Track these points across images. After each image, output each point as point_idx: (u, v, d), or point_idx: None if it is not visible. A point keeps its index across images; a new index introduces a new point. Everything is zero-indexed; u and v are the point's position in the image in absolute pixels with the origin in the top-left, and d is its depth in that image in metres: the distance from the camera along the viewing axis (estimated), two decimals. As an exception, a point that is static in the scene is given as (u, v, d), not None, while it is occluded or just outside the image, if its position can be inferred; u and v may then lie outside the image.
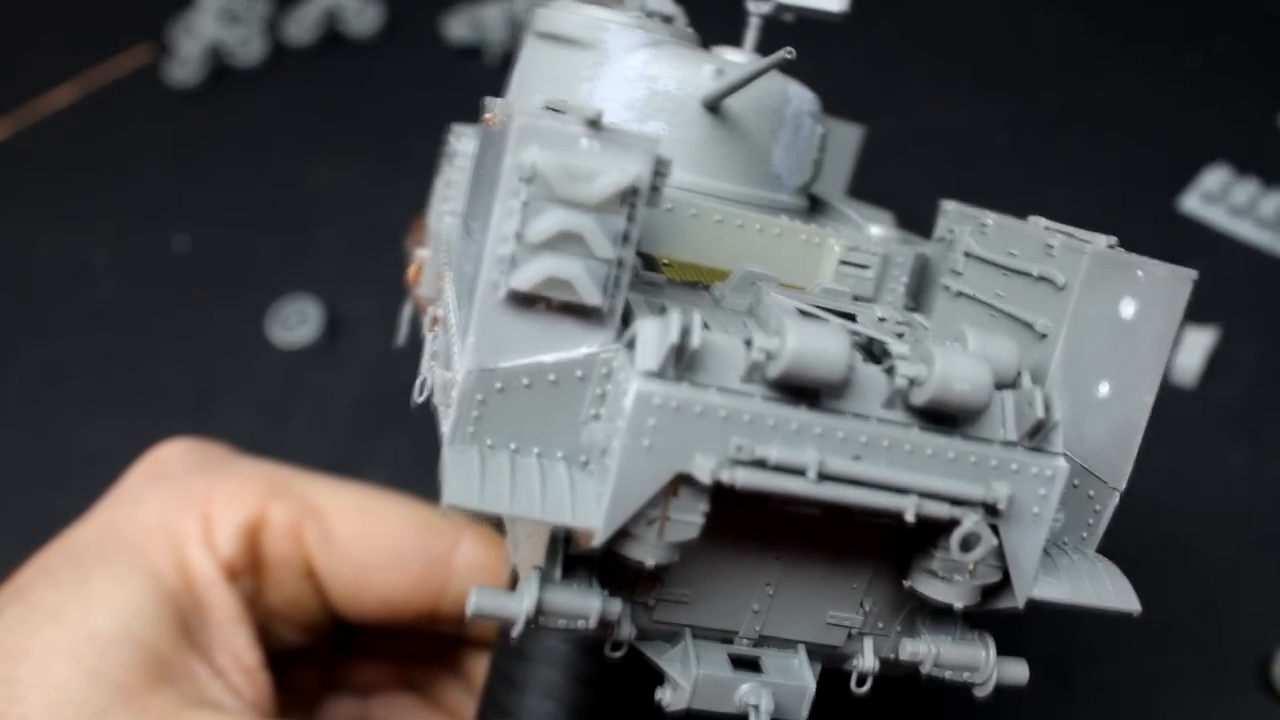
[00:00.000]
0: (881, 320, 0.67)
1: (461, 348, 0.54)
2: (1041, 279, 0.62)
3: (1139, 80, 1.52)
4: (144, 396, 1.31)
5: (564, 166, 0.51)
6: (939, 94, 1.52)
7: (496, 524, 0.71)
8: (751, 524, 0.58)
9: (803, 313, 0.60)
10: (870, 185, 1.37)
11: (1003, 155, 1.47)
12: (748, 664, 0.61)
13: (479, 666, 0.97)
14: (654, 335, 0.52)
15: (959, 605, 0.58)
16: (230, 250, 1.43)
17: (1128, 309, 0.60)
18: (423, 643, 0.98)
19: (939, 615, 0.63)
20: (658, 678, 0.62)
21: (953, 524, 0.55)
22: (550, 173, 0.51)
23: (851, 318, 0.63)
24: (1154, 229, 1.39)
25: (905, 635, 0.63)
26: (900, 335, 0.64)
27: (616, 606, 0.57)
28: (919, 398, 0.54)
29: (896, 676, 0.65)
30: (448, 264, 0.68)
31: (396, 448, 1.22)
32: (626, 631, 0.59)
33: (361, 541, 0.88)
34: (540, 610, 0.55)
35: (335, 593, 0.89)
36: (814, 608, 0.62)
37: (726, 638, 0.62)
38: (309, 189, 1.48)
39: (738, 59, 0.76)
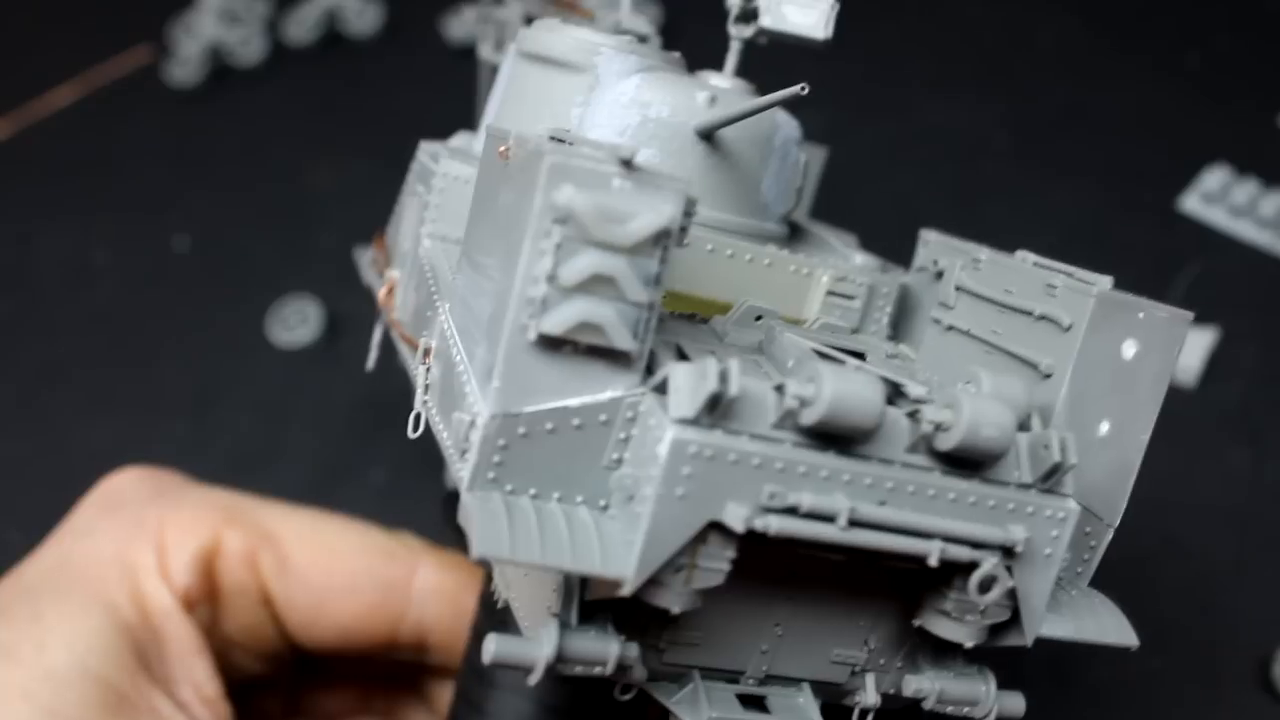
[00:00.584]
0: (891, 357, 0.68)
1: (483, 390, 0.53)
2: (1044, 318, 0.63)
3: (1139, 81, 1.52)
4: (144, 396, 1.31)
5: (599, 207, 0.50)
6: (938, 94, 1.52)
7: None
8: (768, 567, 0.58)
9: (820, 354, 0.60)
10: (871, 187, 1.38)
11: (1002, 156, 1.47)
12: (754, 702, 0.61)
13: (443, 692, 0.96)
14: (688, 381, 0.51)
15: (969, 644, 0.59)
16: (230, 250, 1.43)
17: (1129, 350, 0.61)
18: (386, 669, 0.97)
19: (940, 649, 0.64)
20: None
21: (970, 566, 0.55)
22: (585, 214, 0.50)
23: (861, 356, 0.63)
24: (1154, 229, 1.38)
25: (907, 671, 0.64)
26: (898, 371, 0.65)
27: (634, 651, 0.56)
28: (945, 443, 0.54)
29: (895, 709, 0.66)
30: (437, 293, 0.67)
31: (397, 448, 1.22)
32: (639, 675, 0.58)
33: (317, 567, 0.87)
34: (559, 657, 0.54)
35: (292, 620, 0.88)
36: (820, 646, 0.62)
37: (733, 677, 0.62)
38: (309, 189, 1.48)
39: (722, 84, 0.76)
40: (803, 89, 0.61)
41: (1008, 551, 0.56)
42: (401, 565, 0.89)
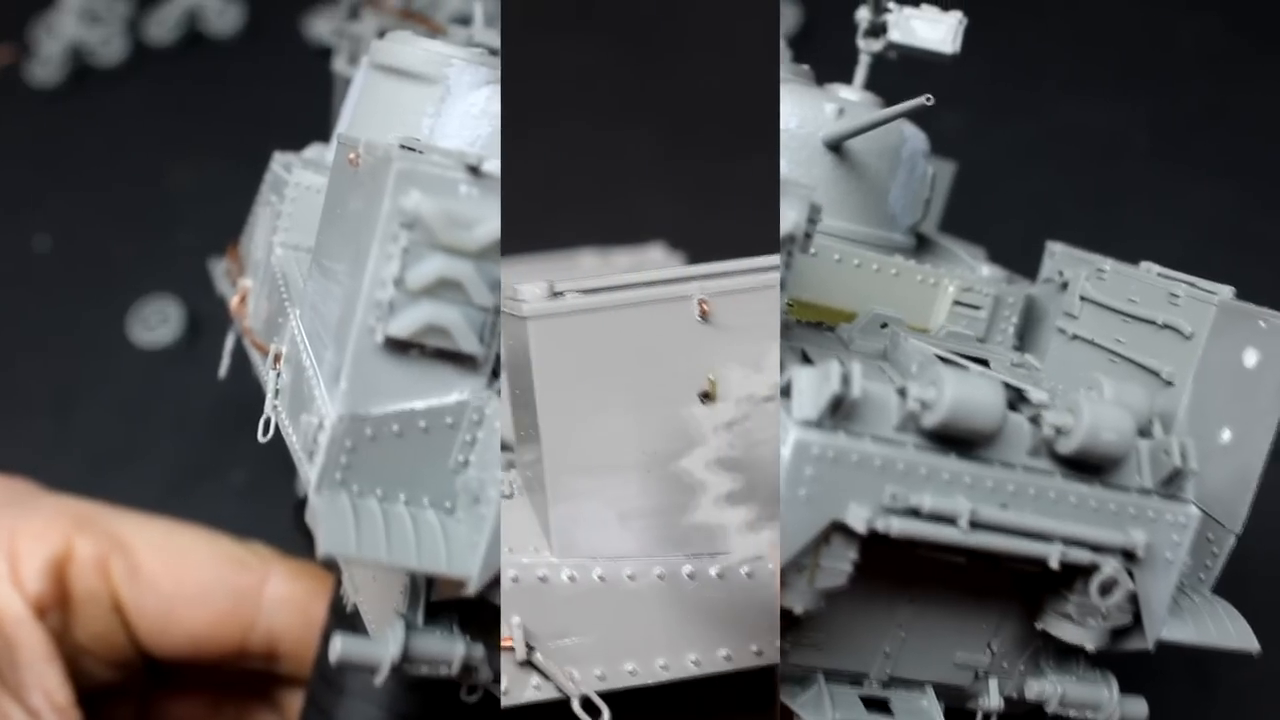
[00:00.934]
0: (1016, 366, 0.70)
1: (331, 393, 0.54)
2: (1166, 327, 0.64)
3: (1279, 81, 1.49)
4: (3, 399, 1.30)
5: (446, 213, 0.51)
6: (1075, 95, 1.48)
7: (326, 562, 0.72)
8: (889, 569, 0.59)
9: (943, 360, 0.61)
10: (1007, 187, 1.36)
11: (1142, 156, 1.43)
12: (877, 705, 0.63)
13: (295, 700, 0.95)
14: (811, 384, 0.52)
15: (1091, 647, 0.60)
16: (91, 250, 1.42)
17: (1250, 358, 0.61)
18: (237, 677, 0.97)
19: (1063, 654, 0.64)
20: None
21: (1091, 569, 0.57)
22: (432, 219, 0.51)
23: (984, 363, 0.65)
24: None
25: (1029, 675, 0.65)
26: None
27: (480, 651, 0.57)
28: (1066, 447, 0.55)
29: (1016, 713, 0.67)
30: (289, 300, 0.68)
31: (259, 448, 1.20)
32: (485, 676, 0.59)
33: (168, 575, 0.87)
34: (405, 656, 0.55)
35: (142, 627, 0.88)
36: (943, 649, 0.62)
37: (856, 679, 0.63)
38: (170, 188, 1.47)
39: (851, 96, 0.77)
40: (928, 100, 0.63)
41: (1128, 555, 0.56)
42: (252, 574, 0.90)
